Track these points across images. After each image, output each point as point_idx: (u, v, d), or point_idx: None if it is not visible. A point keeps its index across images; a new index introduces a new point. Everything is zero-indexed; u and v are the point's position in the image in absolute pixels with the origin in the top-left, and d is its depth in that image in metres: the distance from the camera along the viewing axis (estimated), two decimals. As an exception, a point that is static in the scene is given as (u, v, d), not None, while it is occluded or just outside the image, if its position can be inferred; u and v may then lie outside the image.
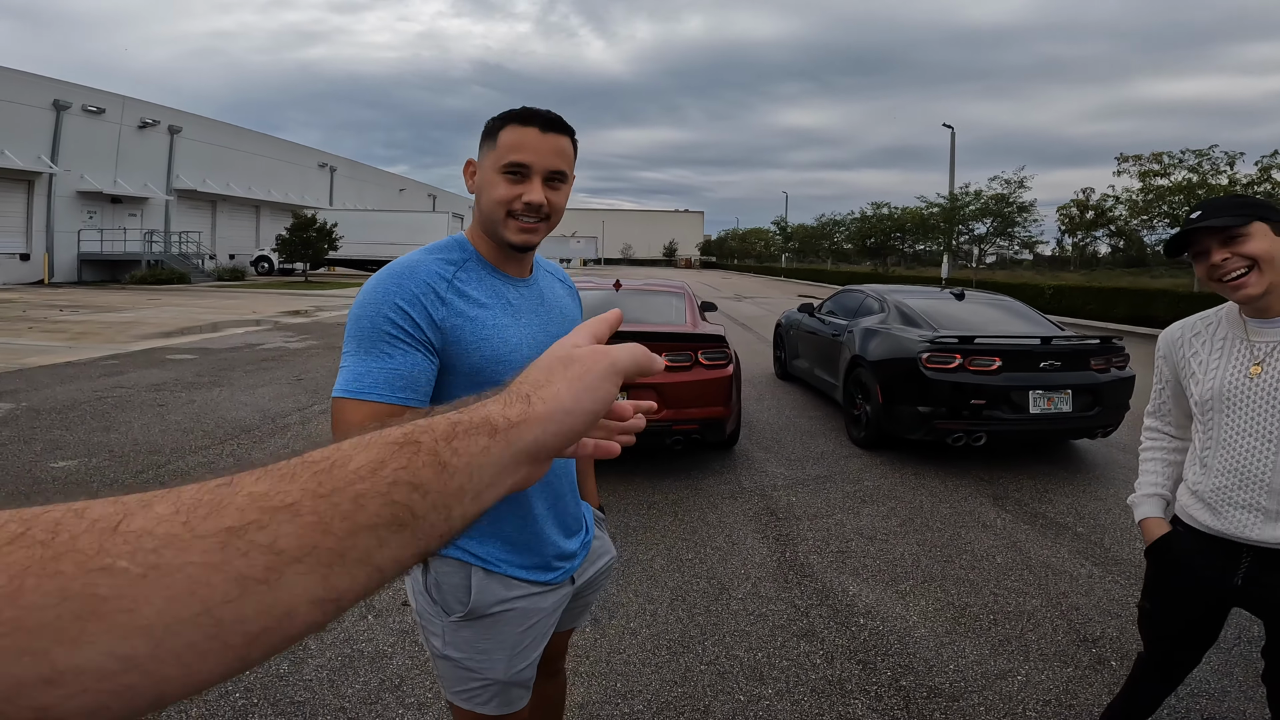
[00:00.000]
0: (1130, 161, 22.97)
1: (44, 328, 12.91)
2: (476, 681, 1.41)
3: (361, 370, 1.22)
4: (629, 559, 3.84)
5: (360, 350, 1.24)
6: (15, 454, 5.32)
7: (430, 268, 1.31)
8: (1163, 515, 1.92)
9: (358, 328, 1.25)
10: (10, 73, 24.56)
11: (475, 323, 1.31)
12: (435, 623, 1.40)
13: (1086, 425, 5.60)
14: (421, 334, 1.25)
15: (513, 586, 1.40)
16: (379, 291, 1.26)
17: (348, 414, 1.21)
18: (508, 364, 1.32)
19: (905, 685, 2.76)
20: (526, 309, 1.41)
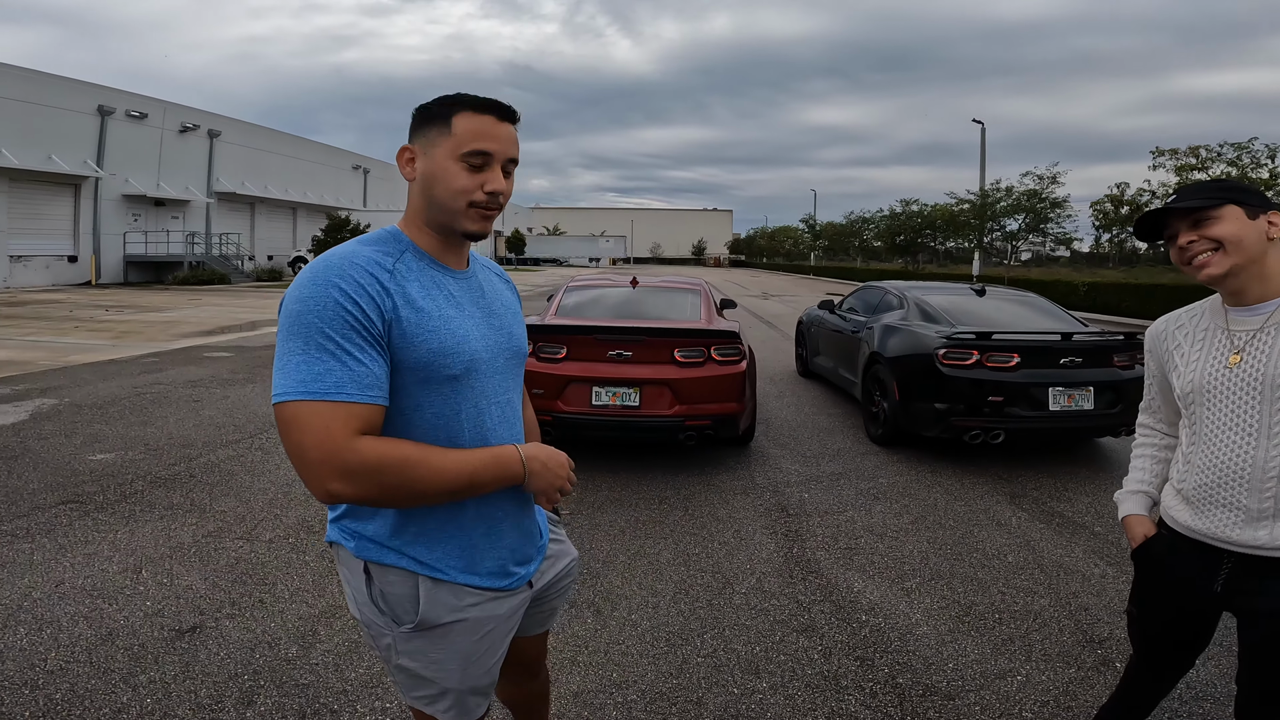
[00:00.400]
0: (1166, 155, 22.38)
1: (89, 327, 13.37)
2: (433, 689, 1.39)
3: (320, 369, 1.13)
4: (635, 551, 3.90)
5: (311, 347, 1.14)
6: (57, 447, 5.56)
7: (369, 257, 1.23)
8: (1145, 513, 1.88)
9: (301, 323, 1.15)
10: (57, 79, 25.40)
11: (421, 314, 1.25)
12: (386, 634, 1.35)
13: (1110, 423, 5.51)
14: (375, 326, 1.19)
15: (464, 595, 1.35)
16: (320, 284, 1.17)
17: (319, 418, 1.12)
18: (456, 356, 1.28)
19: (901, 683, 2.75)
20: (468, 301, 1.36)
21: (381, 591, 1.31)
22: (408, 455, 1.17)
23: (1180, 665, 1.93)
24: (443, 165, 1.27)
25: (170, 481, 4.84)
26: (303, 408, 1.12)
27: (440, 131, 1.27)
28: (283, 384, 1.14)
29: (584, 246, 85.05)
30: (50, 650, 2.76)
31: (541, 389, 4.96)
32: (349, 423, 1.13)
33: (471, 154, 1.26)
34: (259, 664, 2.73)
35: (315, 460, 1.12)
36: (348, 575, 1.35)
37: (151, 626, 2.96)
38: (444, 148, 1.27)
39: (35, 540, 3.80)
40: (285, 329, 1.17)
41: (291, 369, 1.13)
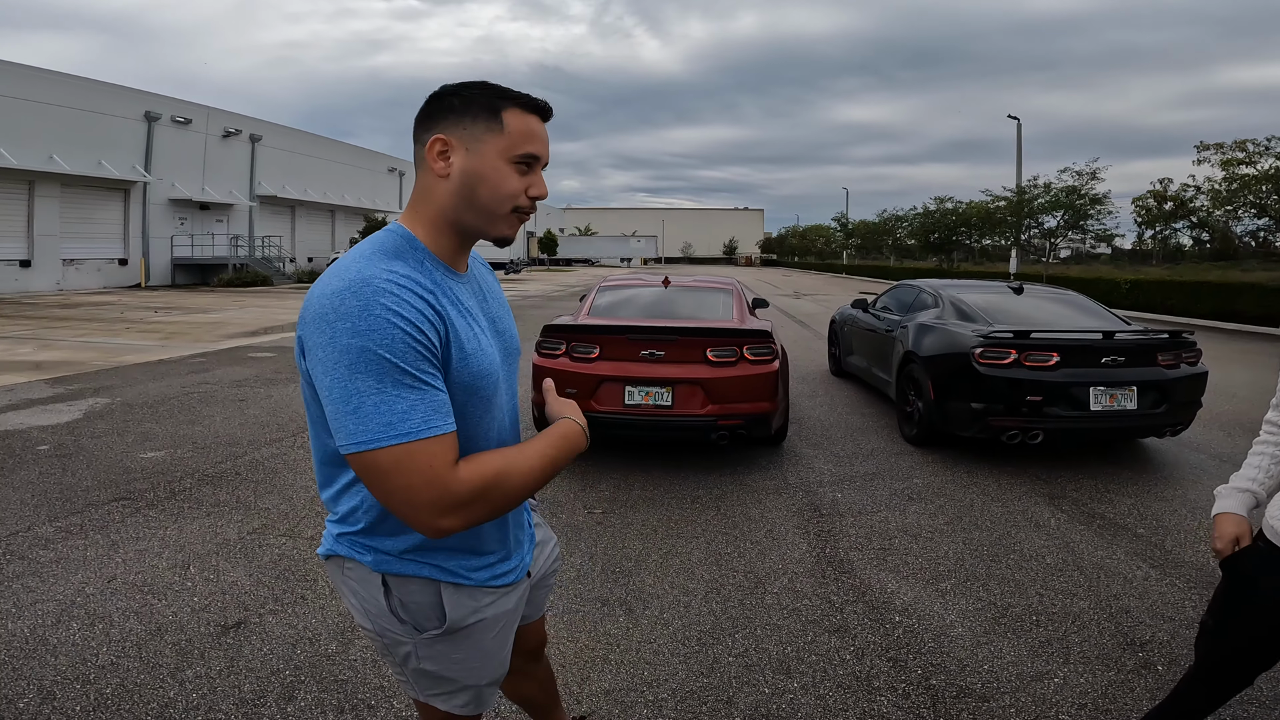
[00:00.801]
0: (1211, 150, 21.69)
1: (139, 328, 13.80)
2: (452, 686, 1.38)
3: (404, 407, 1.06)
4: (667, 551, 3.92)
5: (386, 384, 1.06)
6: (110, 445, 5.76)
7: (410, 277, 1.14)
8: (1244, 513, 1.76)
9: (368, 358, 1.05)
10: (105, 86, 26.21)
11: (461, 336, 1.18)
12: (404, 642, 1.32)
13: (1154, 424, 5.38)
14: (438, 350, 1.13)
15: (480, 595, 1.34)
16: (376, 310, 1.07)
17: (423, 457, 1.05)
18: (490, 377, 1.24)
19: (935, 684, 2.73)
20: (477, 309, 1.28)
21: (401, 602, 1.29)
22: (500, 468, 1.14)
23: (1240, 683, 1.84)
24: (494, 165, 1.19)
25: (217, 479, 4.99)
26: (399, 452, 1.04)
27: (489, 127, 1.18)
28: (364, 430, 1.05)
29: (615, 247, 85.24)
30: (101, 645, 2.86)
31: (574, 388, 5.01)
32: (447, 454, 1.08)
33: (526, 156, 1.20)
34: (300, 660, 2.80)
35: (426, 501, 1.07)
36: (357, 588, 1.30)
37: (199, 622, 3.06)
38: (495, 146, 1.18)
39: (89, 536, 3.95)
40: (347, 365, 1.05)
41: (370, 410, 1.04)
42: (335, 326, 1.06)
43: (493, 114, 1.18)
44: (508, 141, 1.18)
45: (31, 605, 3.15)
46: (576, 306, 6.40)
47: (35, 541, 3.85)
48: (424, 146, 1.20)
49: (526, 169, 1.21)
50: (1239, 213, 21.87)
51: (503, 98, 1.20)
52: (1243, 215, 21.91)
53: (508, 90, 1.22)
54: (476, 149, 1.18)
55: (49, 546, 3.79)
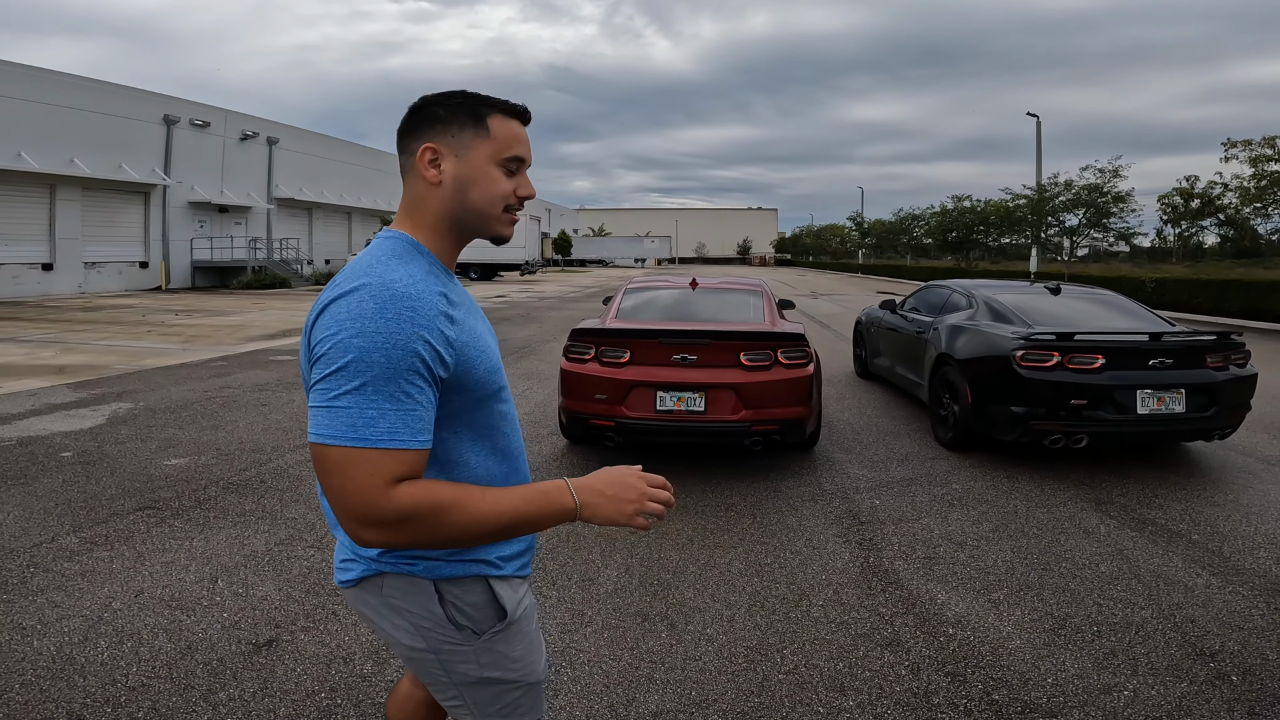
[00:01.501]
0: (1240, 147, 21.32)
1: (161, 331, 13.85)
2: (517, 691, 1.36)
3: (375, 414, 1.07)
4: (706, 562, 3.80)
5: (368, 391, 1.07)
6: (133, 451, 5.71)
7: (428, 285, 1.16)
8: None
9: (365, 364, 1.07)
10: (124, 90, 26.43)
11: (473, 335, 1.22)
12: (464, 650, 1.30)
13: (1202, 427, 5.21)
14: (440, 365, 1.14)
15: (517, 585, 1.36)
16: (393, 320, 1.09)
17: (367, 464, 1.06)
18: (498, 371, 1.29)
19: (998, 699, 2.62)
20: (473, 308, 1.32)
21: (457, 606, 1.27)
22: (444, 501, 1.11)
23: None
24: (484, 169, 1.24)
25: (242, 487, 4.91)
26: (350, 454, 1.06)
27: (476, 134, 1.24)
28: (329, 426, 1.07)
29: (629, 247, 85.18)
30: (131, 665, 2.77)
31: (604, 394, 4.89)
32: (394, 470, 1.08)
33: (512, 159, 1.26)
34: (335, 681, 2.70)
35: (351, 506, 1.07)
36: (403, 605, 1.26)
37: (229, 640, 2.96)
38: (483, 151, 1.24)
39: (114, 548, 3.87)
40: (340, 362, 1.07)
41: (341, 410, 1.06)
42: (344, 324, 1.08)
43: (478, 121, 1.24)
44: (495, 146, 1.24)
45: (58, 621, 3.07)
46: (602, 309, 6.28)
47: (60, 553, 3.78)
48: (414, 156, 1.24)
49: (513, 170, 1.27)
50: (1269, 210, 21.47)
51: (486, 105, 1.26)
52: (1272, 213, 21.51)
53: (489, 98, 1.28)
54: (466, 155, 1.24)
55: (74, 558, 3.72)
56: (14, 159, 21.99)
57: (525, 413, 7.20)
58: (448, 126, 1.24)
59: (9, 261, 22.50)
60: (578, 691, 2.65)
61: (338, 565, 1.33)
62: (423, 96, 1.28)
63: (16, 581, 3.42)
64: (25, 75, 22.73)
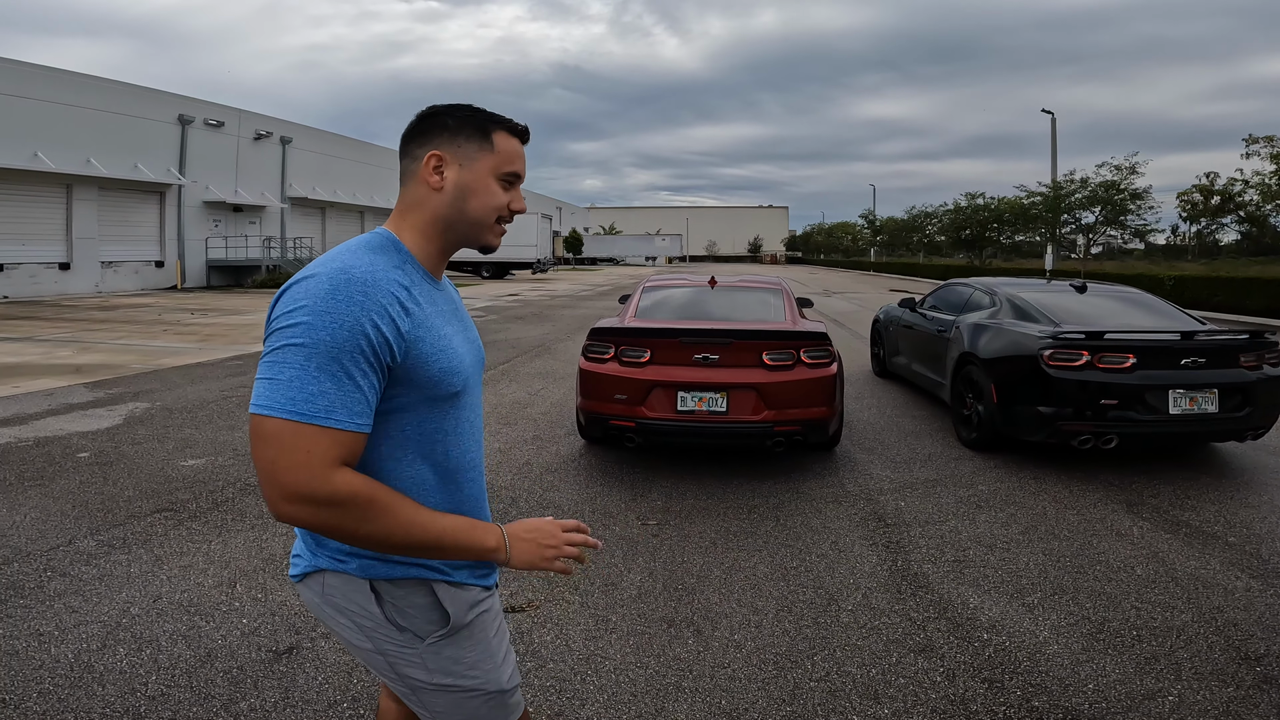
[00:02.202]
0: (1261, 143, 21.03)
1: (176, 330, 13.89)
2: (477, 699, 1.34)
3: (315, 390, 1.09)
4: (730, 565, 3.72)
5: (311, 365, 1.09)
6: (150, 452, 5.69)
7: (389, 274, 1.20)
8: None
9: (311, 339, 1.09)
10: (139, 90, 26.58)
11: (433, 333, 1.24)
12: (409, 653, 1.29)
13: (1235, 427, 5.09)
14: (388, 352, 1.16)
15: (471, 592, 1.34)
16: (343, 302, 1.12)
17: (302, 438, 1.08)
18: (458, 374, 1.28)
19: (1038, 706, 2.55)
20: (450, 314, 1.35)
21: (395, 607, 1.27)
22: (376, 499, 1.13)
23: None
24: (484, 181, 1.30)
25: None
26: (286, 426, 1.07)
27: (481, 146, 1.29)
28: (269, 397, 1.09)
29: (640, 245, 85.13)
30: (151, 673, 2.72)
31: (624, 394, 4.82)
32: (331, 450, 1.09)
33: (510, 174, 1.32)
34: (356, 690, 2.65)
35: (285, 481, 1.08)
36: (343, 604, 1.28)
37: (249, 647, 2.91)
38: (485, 163, 1.29)
39: (132, 551, 3.83)
40: (287, 338, 1.10)
41: (283, 384, 1.09)
42: (298, 302, 1.11)
43: (484, 135, 1.30)
44: (496, 160, 1.30)
45: (75, 627, 3.02)
46: (620, 308, 6.21)
47: (77, 556, 3.74)
48: (419, 161, 1.29)
49: (509, 185, 1.33)
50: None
51: (492, 121, 1.32)
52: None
53: (495, 115, 1.34)
54: (469, 165, 1.29)
55: (91, 562, 3.68)
56: (31, 159, 22.15)
57: (541, 412, 7.15)
58: (455, 137, 1.29)
59: (26, 261, 22.67)
60: (605, 701, 2.59)
61: (291, 559, 1.35)
62: (431, 106, 1.34)
63: (34, 586, 3.39)
64: (41, 76, 22.89)
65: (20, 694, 2.55)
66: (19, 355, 10.60)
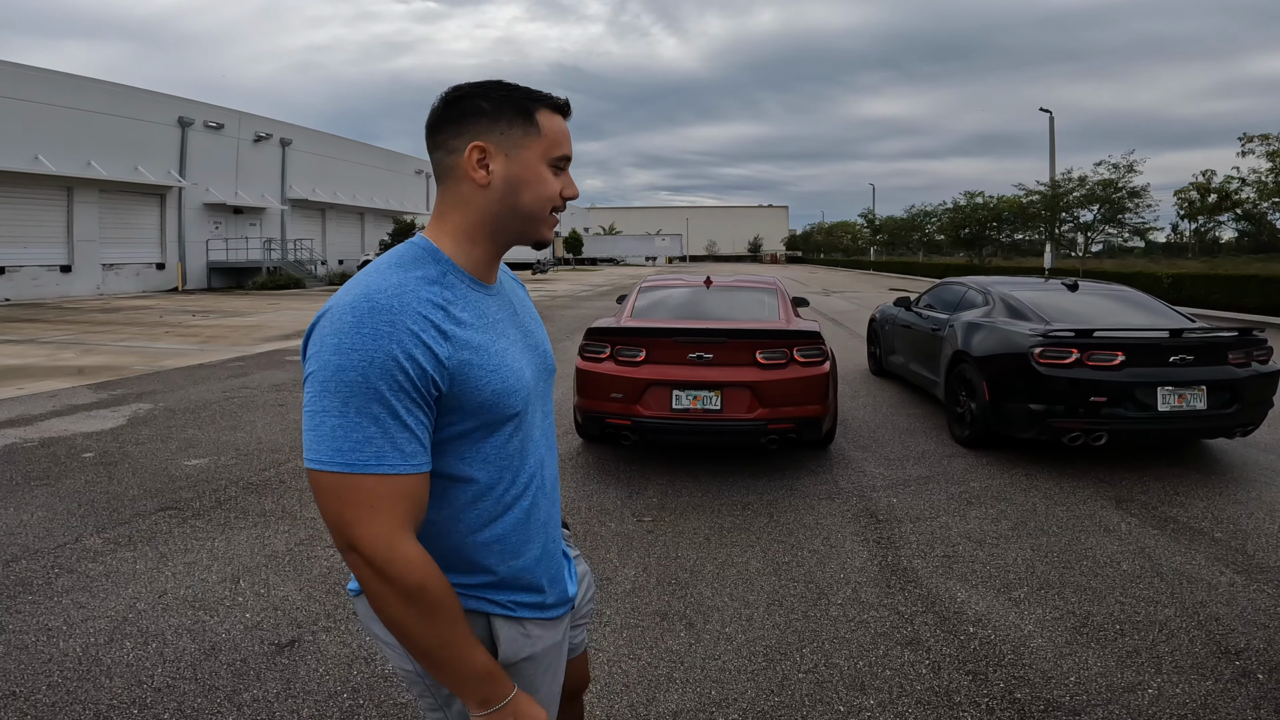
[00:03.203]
0: (1257, 141, 21.04)
1: (178, 332, 13.98)
2: None
3: (360, 437, 1.00)
4: (723, 560, 3.79)
5: (350, 409, 1.00)
6: (154, 452, 5.76)
7: (419, 293, 1.07)
8: None
9: (341, 381, 1.00)
10: (139, 92, 26.68)
11: (481, 353, 1.11)
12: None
13: (1224, 424, 5.15)
14: (428, 383, 1.04)
15: (530, 628, 1.24)
16: (368, 335, 1.01)
17: (360, 492, 1.00)
18: (517, 394, 1.15)
19: (1020, 698, 2.60)
20: (507, 321, 1.22)
21: None
22: (429, 589, 1.03)
23: None
24: (535, 169, 1.15)
25: (261, 487, 4.95)
26: (340, 480, 1.00)
27: (526, 131, 1.14)
28: (316, 450, 1.01)
29: (640, 245, 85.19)
30: (156, 666, 2.79)
31: (620, 393, 4.89)
32: (395, 503, 1.02)
33: (560, 158, 1.17)
34: (357, 681, 2.72)
35: (350, 535, 1.02)
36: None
37: (252, 640, 2.99)
38: (534, 150, 1.14)
39: (137, 548, 3.91)
40: (321, 381, 1.01)
41: (326, 433, 1.00)
42: (325, 340, 1.02)
43: (528, 117, 1.14)
44: (545, 145, 1.15)
45: (83, 622, 3.10)
46: (617, 308, 6.28)
47: (84, 554, 3.82)
48: (458, 154, 1.13)
49: (560, 170, 1.18)
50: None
51: (532, 99, 1.16)
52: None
53: (532, 90, 1.17)
54: (517, 155, 1.14)
55: (98, 559, 3.76)
56: (31, 162, 22.25)
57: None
58: (495, 122, 1.13)
59: (28, 264, 22.78)
60: (598, 691, 2.66)
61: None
62: (456, 87, 1.16)
63: (42, 583, 3.47)
64: (41, 78, 22.98)
65: (30, 687, 2.63)
66: (22, 357, 10.69)
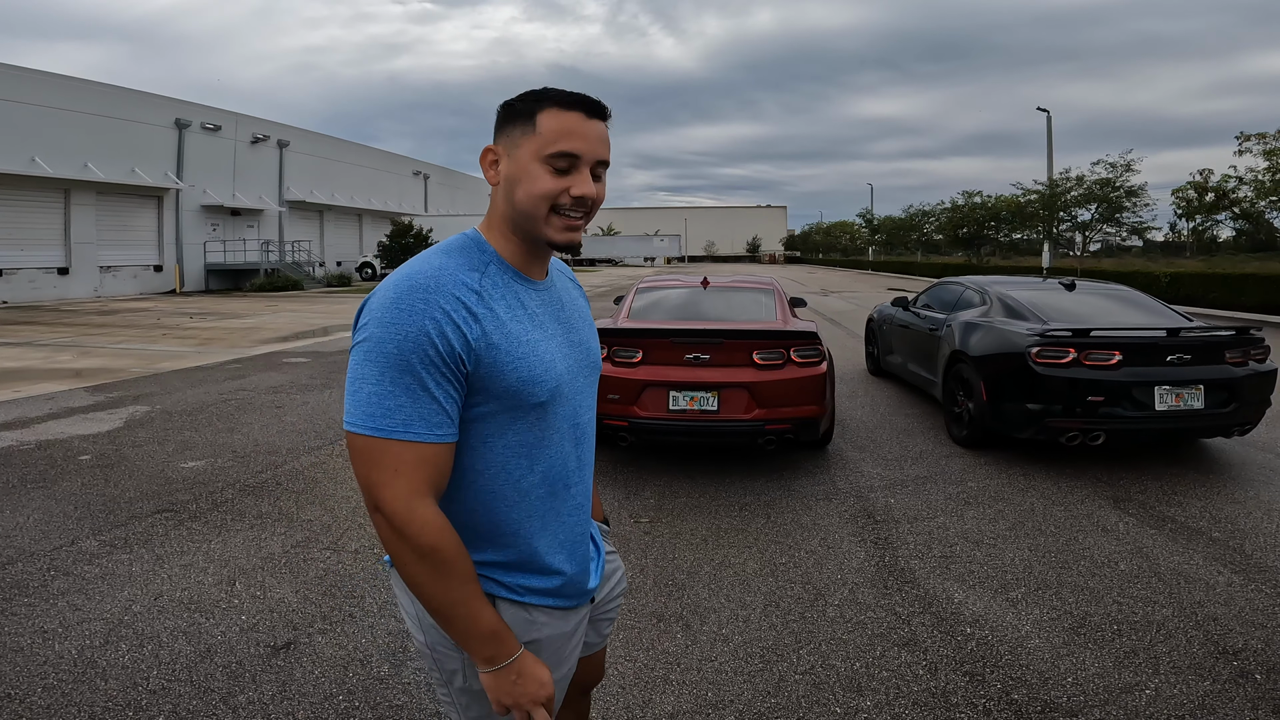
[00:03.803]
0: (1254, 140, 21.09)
1: (176, 334, 13.96)
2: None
3: (392, 404, 1.10)
4: (720, 562, 3.79)
5: (385, 379, 1.10)
6: (151, 454, 5.75)
7: (456, 277, 1.16)
8: None
9: (380, 352, 1.10)
10: (136, 94, 26.66)
11: (511, 340, 1.18)
12: (454, 656, 1.27)
13: (1221, 423, 5.15)
14: (456, 359, 1.12)
15: (537, 615, 1.29)
16: (405, 311, 1.11)
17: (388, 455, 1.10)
18: (543, 383, 1.20)
19: (1017, 699, 2.60)
20: (548, 317, 1.27)
21: None
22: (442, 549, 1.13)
23: None
24: (526, 167, 1.18)
25: (258, 489, 4.94)
26: (371, 443, 1.10)
27: (524, 130, 1.18)
28: (352, 413, 1.12)
29: (639, 246, 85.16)
30: (152, 668, 2.79)
31: (617, 394, 4.89)
32: (417, 468, 1.11)
33: (556, 155, 1.17)
34: (353, 683, 2.71)
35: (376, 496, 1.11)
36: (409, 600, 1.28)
37: (248, 642, 2.98)
38: (528, 148, 1.18)
39: (134, 551, 3.90)
40: (364, 351, 1.12)
41: (363, 399, 1.11)
42: (371, 314, 1.12)
43: (528, 117, 1.18)
44: (539, 142, 1.17)
45: (79, 625, 3.10)
46: (614, 309, 6.27)
47: (80, 556, 3.81)
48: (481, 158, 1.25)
49: (564, 168, 1.17)
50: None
51: (540, 99, 1.19)
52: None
53: (549, 90, 1.20)
54: (514, 154, 1.19)
55: (94, 561, 3.75)
56: (28, 164, 22.23)
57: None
58: (505, 126, 1.22)
59: (26, 266, 22.75)
60: (594, 693, 2.65)
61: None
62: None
63: (37, 585, 3.46)
64: (37, 80, 22.97)
65: (25, 689, 2.62)
66: (20, 360, 10.67)
